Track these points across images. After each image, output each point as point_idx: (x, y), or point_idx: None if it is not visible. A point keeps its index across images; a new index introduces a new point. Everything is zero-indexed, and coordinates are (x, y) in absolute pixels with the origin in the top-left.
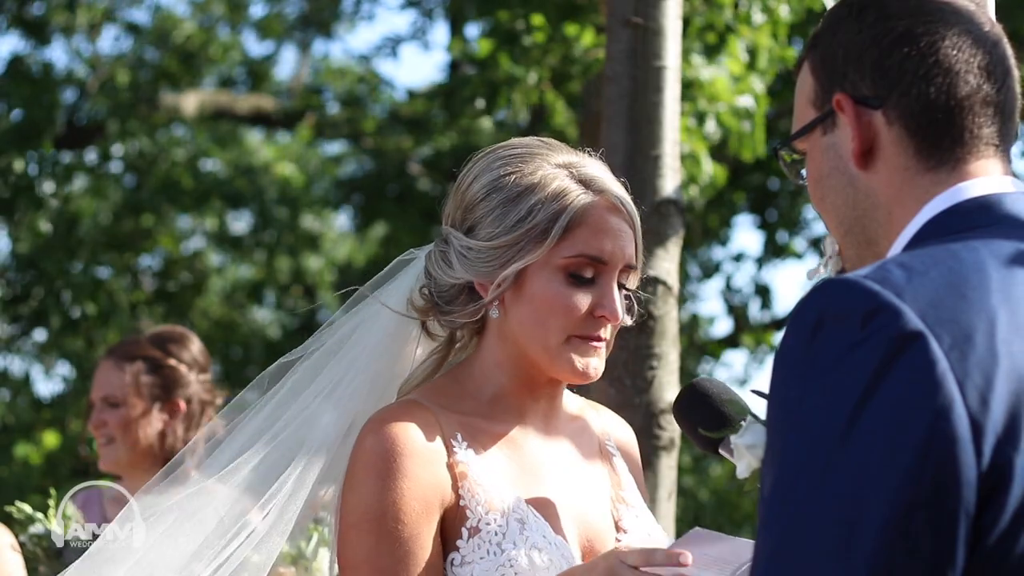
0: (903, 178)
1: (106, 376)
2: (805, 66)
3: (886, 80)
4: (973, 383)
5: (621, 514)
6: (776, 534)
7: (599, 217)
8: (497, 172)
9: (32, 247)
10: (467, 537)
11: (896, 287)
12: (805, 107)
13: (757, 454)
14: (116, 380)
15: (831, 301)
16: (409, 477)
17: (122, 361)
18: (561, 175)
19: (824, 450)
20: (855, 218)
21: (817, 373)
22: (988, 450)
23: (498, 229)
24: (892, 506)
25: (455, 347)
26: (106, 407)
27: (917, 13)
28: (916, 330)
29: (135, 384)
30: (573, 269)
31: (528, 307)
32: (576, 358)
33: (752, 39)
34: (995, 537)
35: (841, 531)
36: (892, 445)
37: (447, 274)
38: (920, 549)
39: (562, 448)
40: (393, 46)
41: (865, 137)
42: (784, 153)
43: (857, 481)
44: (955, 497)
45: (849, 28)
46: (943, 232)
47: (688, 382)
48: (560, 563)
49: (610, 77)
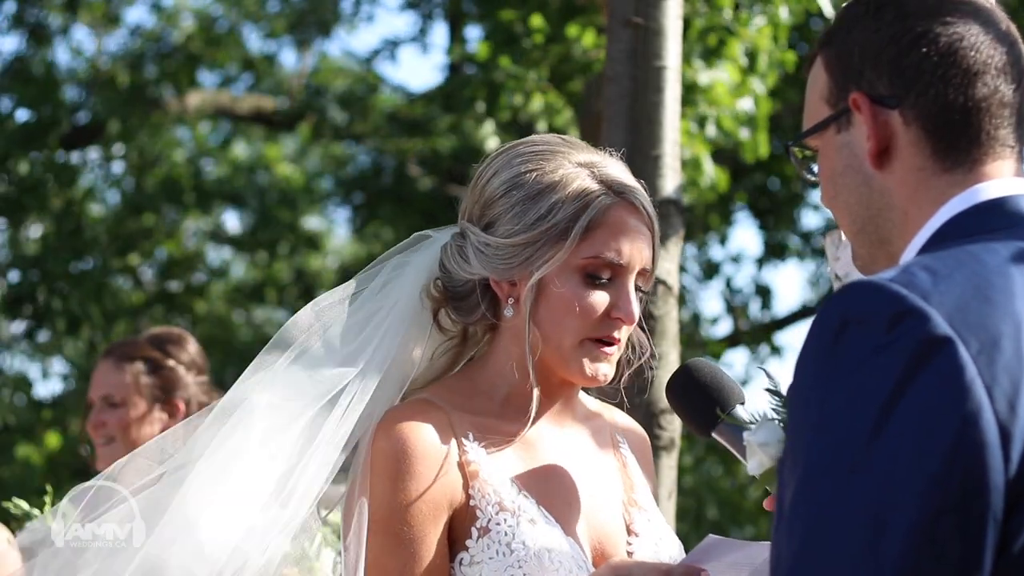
0: (919, 179)
1: (105, 376)
2: (818, 62)
3: (904, 80)
4: (1001, 388)
5: (633, 517)
6: (800, 536)
7: (619, 219)
8: (518, 169)
9: (38, 248)
10: (477, 537)
11: (923, 291)
12: (818, 104)
13: (770, 452)
14: (116, 380)
15: (856, 304)
16: (418, 479)
17: (122, 361)
18: (582, 174)
19: (849, 452)
20: (868, 217)
21: (841, 375)
22: (1016, 456)
23: (517, 227)
24: (919, 511)
25: (469, 343)
26: (106, 407)
27: (936, 13)
28: (944, 335)
29: (135, 384)
30: (591, 270)
31: (544, 307)
32: (587, 363)
33: (752, 41)
34: (1022, 543)
35: (867, 534)
36: (920, 450)
37: (463, 269)
38: (947, 555)
39: (575, 449)
40: (392, 49)
41: (882, 137)
42: (795, 150)
43: (884, 485)
44: (983, 503)
45: (866, 26)
46: (961, 233)
47: (682, 364)
48: (570, 564)
49: (610, 77)
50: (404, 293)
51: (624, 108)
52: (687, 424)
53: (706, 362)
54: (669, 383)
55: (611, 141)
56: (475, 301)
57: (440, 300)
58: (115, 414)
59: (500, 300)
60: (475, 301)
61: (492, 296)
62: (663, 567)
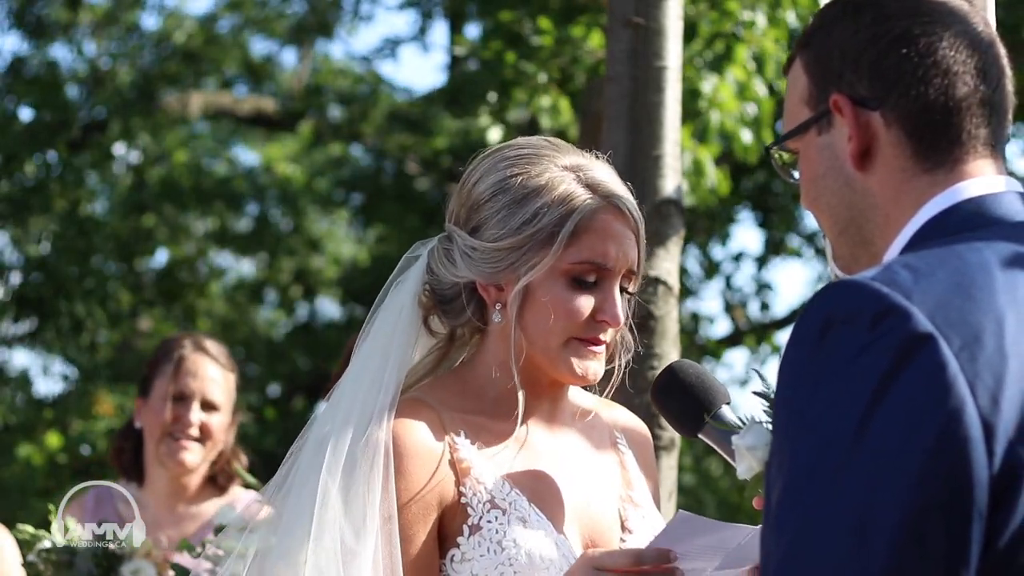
0: (900, 179)
1: (213, 378)
2: (797, 64)
3: (884, 81)
4: (983, 384)
5: (628, 514)
6: (788, 538)
7: (605, 223)
8: (503, 173)
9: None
10: (468, 534)
11: (904, 289)
12: (798, 106)
13: (758, 456)
14: (223, 385)
15: (839, 303)
16: (408, 477)
17: (227, 368)
18: (568, 178)
19: (835, 453)
20: (850, 218)
21: (827, 375)
22: (1000, 451)
23: (503, 231)
24: (905, 509)
25: (455, 344)
26: (205, 408)
27: (914, 13)
28: (926, 332)
29: (234, 396)
30: (576, 274)
31: (530, 310)
32: (576, 361)
33: (759, 45)
34: (1007, 538)
35: (854, 534)
36: (904, 448)
37: (450, 272)
38: (934, 551)
39: (568, 446)
40: (392, 47)
41: (863, 138)
42: (776, 153)
43: (869, 484)
44: (968, 499)
45: (845, 28)
46: (943, 233)
47: (667, 366)
48: (561, 562)
49: (611, 77)
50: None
51: (624, 108)
52: (672, 426)
53: (690, 363)
54: (654, 385)
55: (611, 141)
56: (461, 304)
57: (429, 306)
58: (214, 417)
59: (487, 304)
60: (461, 304)
61: (479, 299)
62: (634, 551)
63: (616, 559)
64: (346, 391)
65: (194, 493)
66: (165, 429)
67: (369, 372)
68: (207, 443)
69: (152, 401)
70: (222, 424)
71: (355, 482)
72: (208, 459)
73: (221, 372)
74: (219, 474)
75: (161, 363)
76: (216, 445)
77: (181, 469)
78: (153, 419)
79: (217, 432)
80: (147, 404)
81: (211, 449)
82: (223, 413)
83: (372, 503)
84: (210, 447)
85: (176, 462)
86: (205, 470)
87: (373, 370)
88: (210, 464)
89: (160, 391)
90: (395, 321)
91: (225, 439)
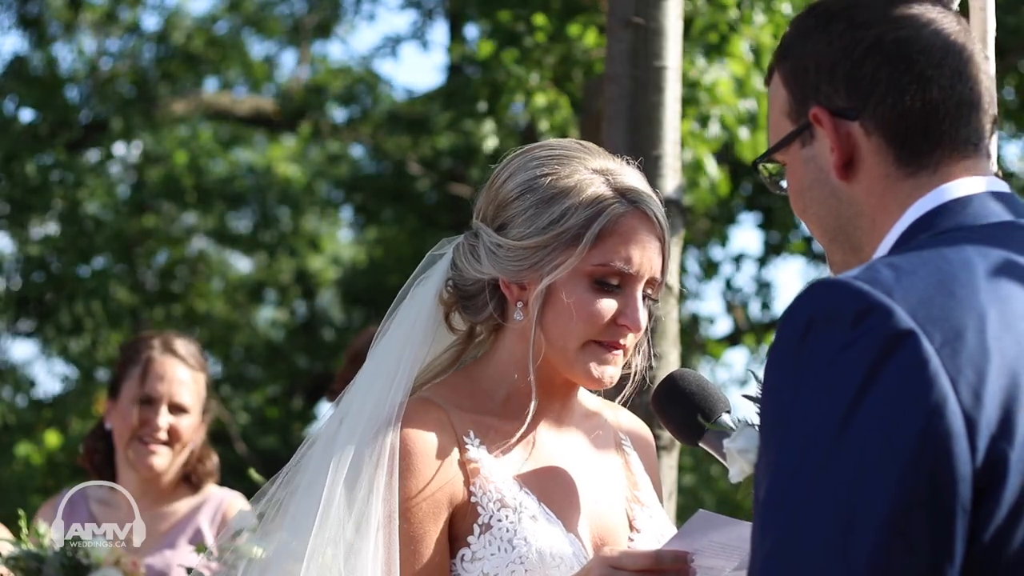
0: (884, 185)
1: (181, 380)
2: (776, 77)
3: (860, 91)
4: (965, 380)
5: (635, 513)
6: (774, 535)
7: (631, 228)
8: (533, 172)
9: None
10: (478, 533)
11: (886, 287)
12: (780, 119)
13: (750, 459)
14: (192, 387)
15: (821, 302)
16: (418, 477)
17: (196, 369)
18: (597, 181)
19: (819, 451)
20: (839, 227)
21: (809, 375)
22: (982, 445)
23: (529, 229)
24: (889, 504)
25: (474, 342)
26: (174, 411)
27: (884, 20)
28: (907, 328)
29: (204, 396)
30: (600, 276)
31: (551, 310)
32: (594, 365)
33: (755, 38)
34: (991, 532)
35: (839, 531)
36: (887, 444)
37: (474, 268)
38: (918, 546)
39: (576, 447)
40: (393, 46)
41: (845, 149)
42: (763, 166)
43: (853, 481)
44: (951, 493)
45: (819, 39)
46: (927, 234)
47: (667, 374)
48: (571, 561)
49: (610, 77)
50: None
51: (624, 108)
52: (673, 433)
53: (691, 372)
54: (655, 393)
55: (611, 141)
56: (484, 301)
57: (451, 302)
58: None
59: (509, 301)
60: (484, 301)
61: (501, 297)
62: (653, 552)
63: (636, 560)
64: (360, 387)
65: (167, 492)
66: (133, 432)
67: (384, 369)
68: (175, 445)
69: (120, 404)
70: (191, 425)
71: (360, 479)
72: (178, 461)
73: (190, 373)
74: (192, 473)
75: (129, 365)
76: (186, 446)
77: (149, 473)
78: (121, 422)
79: (186, 434)
80: (116, 407)
81: (180, 451)
82: (192, 414)
83: (375, 501)
84: (179, 449)
85: (145, 466)
86: (177, 470)
87: (388, 367)
88: (182, 464)
89: (128, 394)
90: (415, 317)
91: (195, 439)
